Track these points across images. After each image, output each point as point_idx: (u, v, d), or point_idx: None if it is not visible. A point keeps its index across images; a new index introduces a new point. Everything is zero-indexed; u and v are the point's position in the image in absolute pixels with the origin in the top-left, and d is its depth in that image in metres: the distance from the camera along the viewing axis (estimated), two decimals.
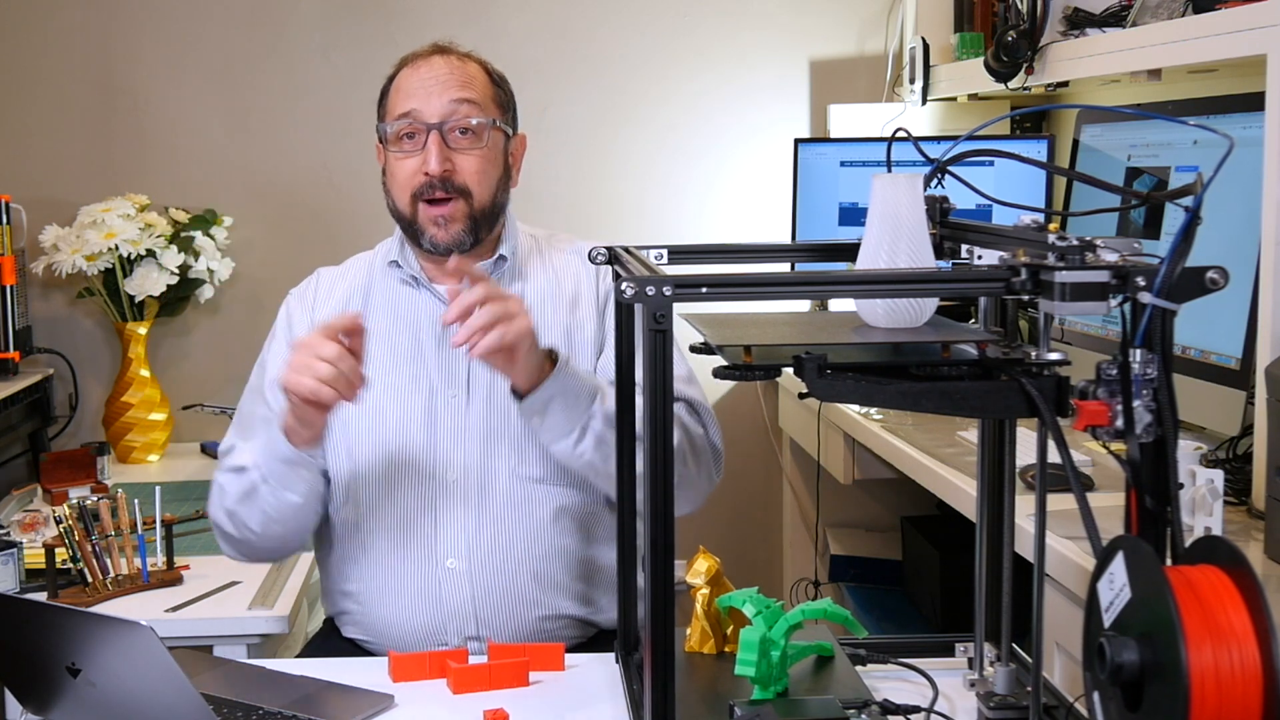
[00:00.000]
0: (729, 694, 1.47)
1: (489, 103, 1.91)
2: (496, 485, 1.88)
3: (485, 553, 1.87)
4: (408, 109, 1.87)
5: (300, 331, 1.94)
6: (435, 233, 1.88)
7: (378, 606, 1.89)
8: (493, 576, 1.87)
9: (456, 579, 1.87)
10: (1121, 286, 1.13)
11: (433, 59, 1.91)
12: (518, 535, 1.88)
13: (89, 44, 3.36)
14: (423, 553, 1.88)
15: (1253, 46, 1.84)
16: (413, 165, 1.87)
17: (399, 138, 1.89)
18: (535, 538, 1.89)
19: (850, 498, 3.27)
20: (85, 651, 1.37)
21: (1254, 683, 0.96)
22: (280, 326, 2.00)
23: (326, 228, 3.36)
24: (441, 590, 1.87)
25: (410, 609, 1.88)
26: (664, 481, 1.22)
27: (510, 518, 1.88)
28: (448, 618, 1.87)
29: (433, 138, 1.86)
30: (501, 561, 1.88)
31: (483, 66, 1.95)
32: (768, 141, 3.43)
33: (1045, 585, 1.42)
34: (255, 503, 1.84)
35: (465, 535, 1.87)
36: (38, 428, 3.22)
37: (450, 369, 1.90)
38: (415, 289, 1.94)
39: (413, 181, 1.87)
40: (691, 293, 1.19)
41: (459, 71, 1.90)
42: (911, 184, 1.33)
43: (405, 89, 1.89)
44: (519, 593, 1.88)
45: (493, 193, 1.90)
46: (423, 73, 1.89)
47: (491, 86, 1.93)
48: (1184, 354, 2.10)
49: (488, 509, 1.88)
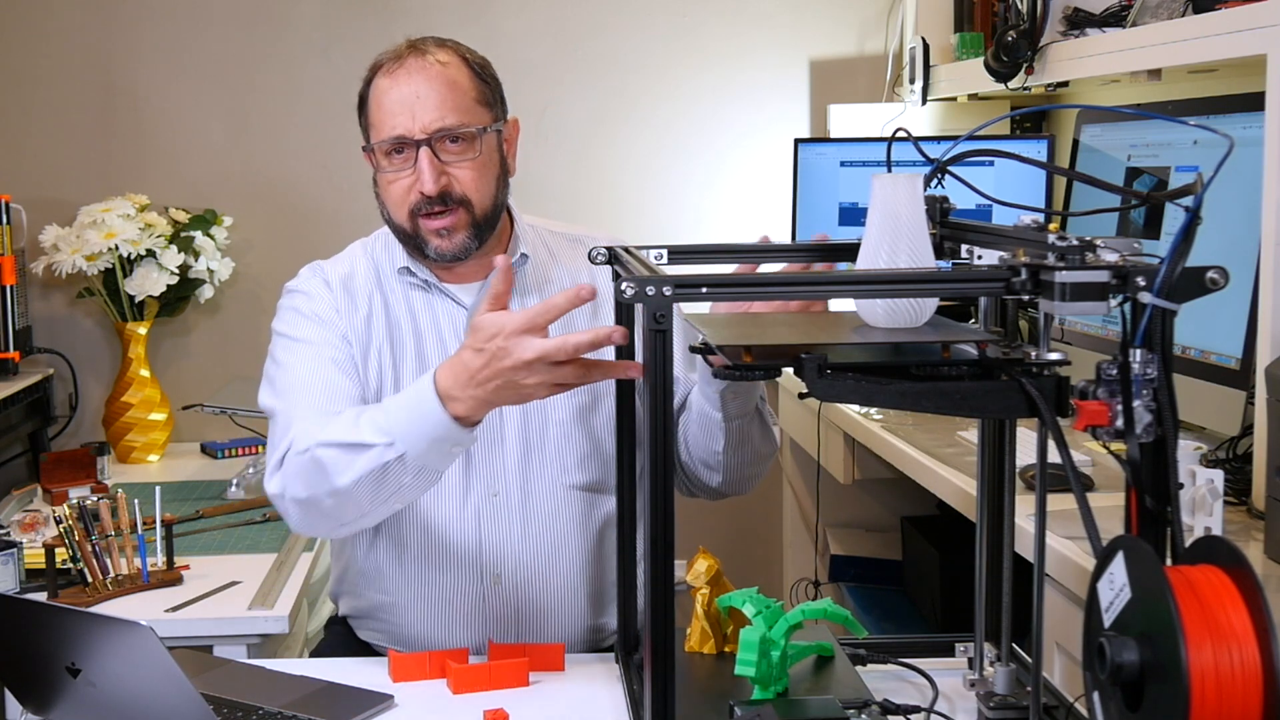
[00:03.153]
0: (729, 694, 1.47)
1: (476, 106, 1.82)
2: (539, 495, 1.84)
3: (531, 565, 1.83)
4: (394, 132, 1.78)
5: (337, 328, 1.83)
6: (439, 244, 1.81)
7: (416, 619, 1.85)
8: (539, 589, 1.84)
9: (502, 592, 1.83)
10: (1121, 286, 1.13)
11: (407, 62, 1.80)
12: (563, 546, 1.85)
13: (89, 44, 3.35)
14: (466, 566, 1.83)
15: (1253, 46, 1.84)
16: (406, 184, 1.80)
17: (388, 154, 1.80)
18: (581, 547, 1.85)
19: (850, 498, 3.26)
20: (85, 651, 1.37)
21: (1254, 683, 0.96)
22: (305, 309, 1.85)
23: (326, 227, 3.36)
24: (486, 604, 1.84)
25: (453, 623, 1.84)
26: (664, 481, 1.22)
27: (555, 528, 1.84)
28: (491, 632, 1.83)
29: (424, 155, 1.77)
30: (548, 573, 1.84)
31: (463, 61, 1.83)
32: (767, 141, 3.43)
33: (1045, 585, 1.42)
34: (383, 485, 1.62)
35: (510, 547, 1.83)
36: (38, 428, 3.22)
37: None
38: (429, 293, 1.89)
39: (408, 199, 1.80)
40: (691, 293, 1.19)
41: (439, 78, 1.79)
42: (911, 184, 1.33)
43: (386, 106, 1.79)
44: (566, 605, 1.85)
45: (493, 195, 1.84)
46: (401, 82, 1.79)
47: (475, 85, 1.83)
48: (1184, 354, 2.10)
49: (531, 520, 1.84)
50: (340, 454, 1.63)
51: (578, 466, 1.86)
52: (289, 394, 1.80)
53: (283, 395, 1.81)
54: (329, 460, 1.64)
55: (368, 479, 1.62)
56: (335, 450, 1.64)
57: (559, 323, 1.57)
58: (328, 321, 1.85)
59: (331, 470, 1.64)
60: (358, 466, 1.62)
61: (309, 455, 1.66)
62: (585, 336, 1.48)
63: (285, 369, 1.83)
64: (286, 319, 1.88)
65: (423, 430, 1.58)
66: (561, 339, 1.49)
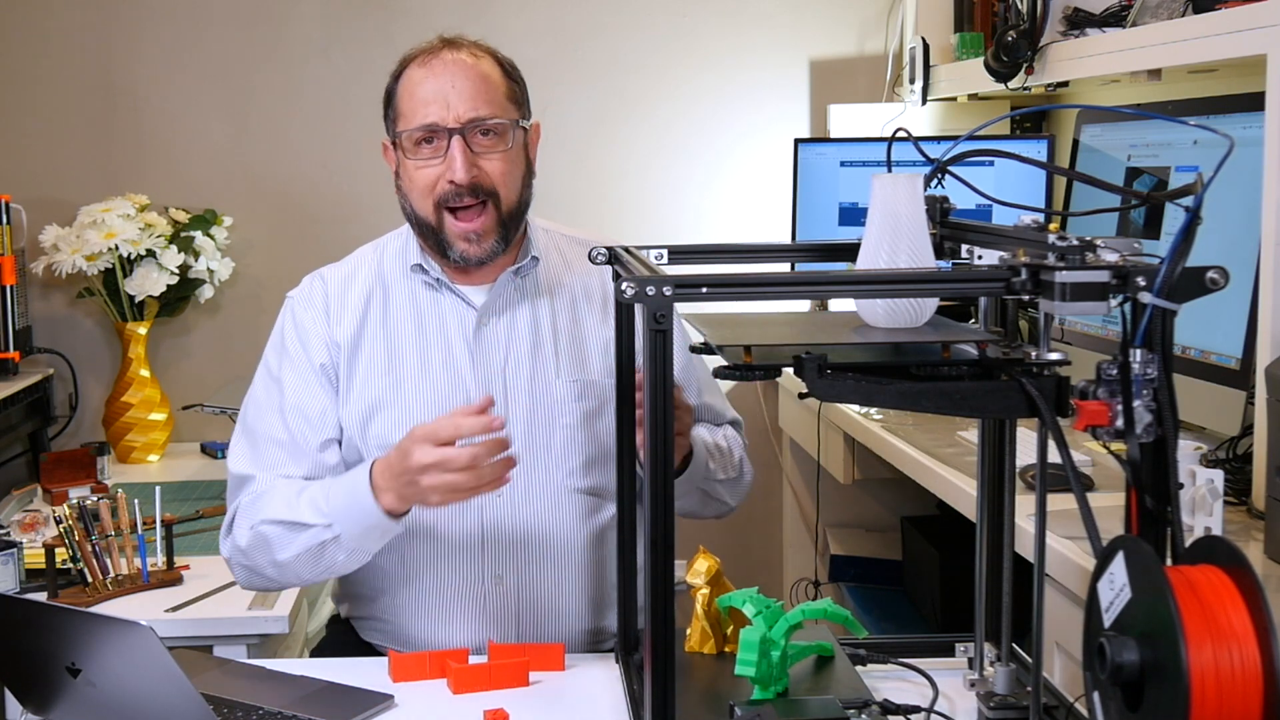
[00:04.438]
0: (729, 694, 1.47)
1: (507, 102, 1.83)
2: (542, 498, 1.84)
3: (533, 567, 1.84)
4: (427, 120, 1.79)
5: (316, 344, 1.87)
6: (466, 248, 1.81)
7: (418, 620, 1.85)
8: (541, 591, 1.84)
9: (503, 594, 1.84)
10: (1122, 286, 1.13)
11: (443, 55, 1.82)
12: (565, 548, 1.85)
13: (89, 44, 3.35)
14: (467, 567, 1.84)
15: (1253, 46, 1.84)
16: (434, 173, 1.80)
17: (417, 144, 1.81)
18: (584, 549, 1.86)
19: (850, 498, 3.27)
20: (85, 651, 1.37)
21: (1254, 683, 0.96)
22: (288, 335, 1.89)
23: (326, 228, 3.36)
24: (487, 605, 1.84)
25: (455, 624, 1.84)
26: (664, 481, 1.22)
27: (557, 530, 1.85)
28: (492, 633, 1.84)
29: (455, 144, 1.78)
30: (550, 576, 1.85)
31: (495, 59, 1.86)
32: (767, 141, 3.42)
33: (1045, 585, 1.42)
34: (321, 560, 1.75)
35: (512, 549, 1.83)
36: (38, 428, 3.22)
37: (487, 380, 1.84)
38: (438, 291, 1.88)
39: (436, 190, 1.80)
40: (691, 293, 1.19)
41: (474, 71, 1.81)
42: (911, 184, 1.33)
43: (420, 95, 1.80)
44: (568, 606, 1.86)
45: (519, 192, 1.84)
46: (437, 73, 1.80)
47: (507, 82, 1.85)
48: (1184, 354, 2.10)
49: (535, 522, 1.84)
50: (283, 531, 1.77)
51: (582, 470, 1.86)
52: (255, 444, 1.87)
53: (250, 437, 1.88)
54: (272, 536, 1.78)
55: (306, 555, 1.76)
56: (279, 528, 1.77)
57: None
58: (307, 345, 1.88)
59: (274, 544, 1.78)
60: (298, 543, 1.76)
61: (255, 531, 1.79)
62: (465, 454, 1.61)
63: (258, 409, 1.89)
64: (274, 343, 1.92)
65: (356, 517, 1.72)
66: (445, 454, 1.61)
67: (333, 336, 1.87)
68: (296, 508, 1.76)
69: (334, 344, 1.87)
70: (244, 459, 1.87)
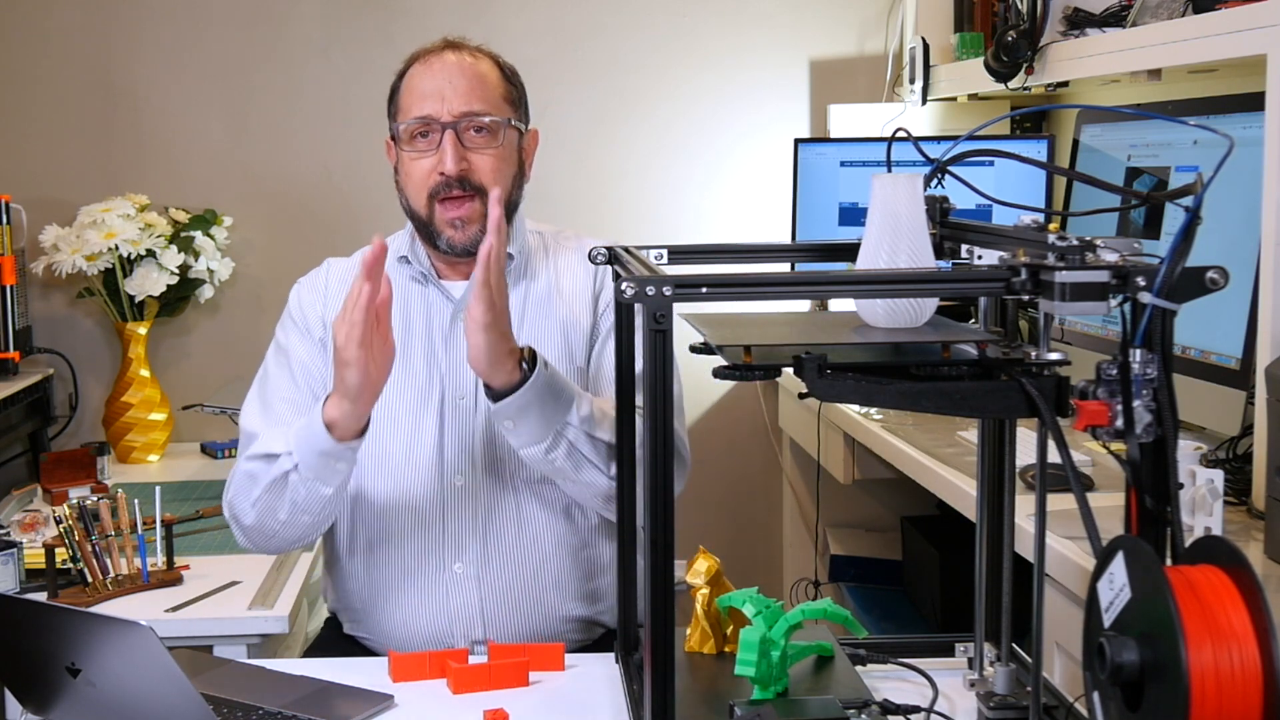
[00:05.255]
0: (729, 694, 1.47)
1: (502, 101, 1.89)
2: (505, 488, 1.88)
3: (493, 556, 1.88)
4: (422, 112, 1.85)
5: (314, 321, 1.95)
6: (452, 235, 1.86)
7: (383, 608, 1.90)
8: (501, 579, 1.88)
9: (464, 582, 1.87)
10: (1121, 286, 1.13)
11: (445, 55, 1.89)
12: (526, 537, 1.88)
13: (89, 44, 3.35)
14: (430, 555, 1.88)
15: (1253, 46, 1.84)
16: (428, 165, 1.86)
17: (412, 137, 1.87)
18: (543, 539, 1.89)
19: (850, 498, 3.27)
20: (85, 651, 1.37)
21: (1254, 683, 0.96)
22: (294, 313, 1.97)
23: (326, 228, 3.36)
24: (449, 593, 1.87)
25: (416, 612, 1.88)
26: (664, 481, 1.22)
27: (518, 520, 1.88)
28: (454, 621, 1.87)
29: (448, 137, 1.84)
30: (510, 564, 1.88)
31: (495, 62, 1.92)
32: (767, 141, 3.43)
33: (1045, 585, 1.42)
34: (285, 492, 1.78)
35: (473, 538, 1.87)
36: (38, 428, 3.22)
37: (460, 372, 1.88)
38: (424, 285, 1.93)
39: (428, 181, 1.86)
40: (691, 293, 1.19)
41: (471, 70, 1.87)
42: (911, 184, 1.33)
43: (418, 89, 1.87)
44: (527, 595, 1.88)
45: (509, 192, 1.88)
46: (436, 71, 1.87)
47: (504, 84, 1.91)
48: (1184, 354, 2.10)
49: (496, 511, 1.88)
50: (259, 465, 1.81)
51: None
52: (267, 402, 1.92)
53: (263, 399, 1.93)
54: (254, 471, 1.81)
55: (273, 488, 1.78)
56: (258, 461, 1.81)
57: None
58: (308, 321, 1.95)
59: (254, 481, 1.81)
60: (267, 476, 1.79)
61: (242, 471, 1.83)
62: (352, 297, 1.65)
63: (269, 375, 1.95)
64: (282, 321, 2.00)
65: (309, 441, 1.74)
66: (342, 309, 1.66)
67: (326, 318, 1.93)
68: (271, 440, 1.81)
69: (326, 325, 1.92)
70: (255, 415, 1.91)
